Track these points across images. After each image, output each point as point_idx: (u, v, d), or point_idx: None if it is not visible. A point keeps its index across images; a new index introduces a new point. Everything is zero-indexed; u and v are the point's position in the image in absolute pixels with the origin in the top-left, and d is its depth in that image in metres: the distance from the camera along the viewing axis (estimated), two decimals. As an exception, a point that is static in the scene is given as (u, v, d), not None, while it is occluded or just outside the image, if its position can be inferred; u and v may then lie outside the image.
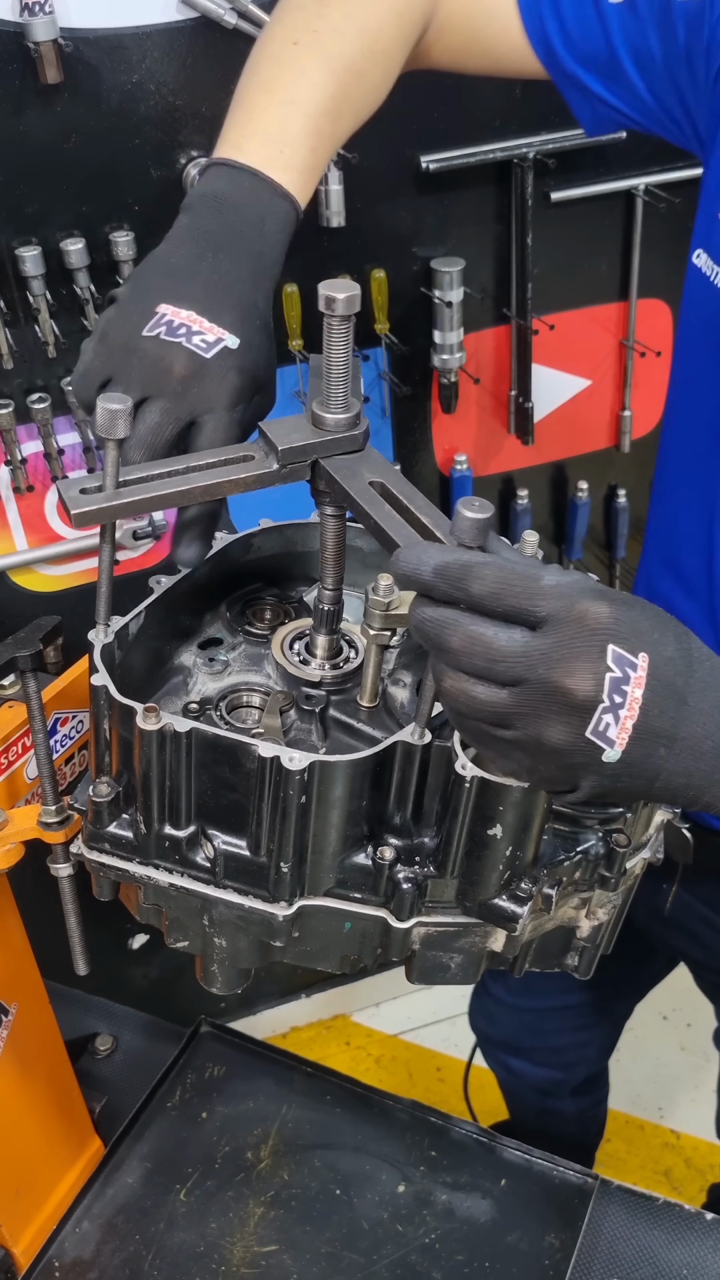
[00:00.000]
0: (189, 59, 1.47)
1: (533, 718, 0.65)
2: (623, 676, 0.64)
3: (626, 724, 0.64)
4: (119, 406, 0.75)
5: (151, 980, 2.24)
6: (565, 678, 0.64)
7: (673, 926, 1.37)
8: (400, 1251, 1.25)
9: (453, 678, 0.67)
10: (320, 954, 0.84)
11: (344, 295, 0.76)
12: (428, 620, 0.67)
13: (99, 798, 0.83)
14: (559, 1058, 1.73)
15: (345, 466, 0.82)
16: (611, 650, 0.64)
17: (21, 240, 1.48)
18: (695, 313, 1.09)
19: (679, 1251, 1.24)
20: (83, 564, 1.78)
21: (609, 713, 0.64)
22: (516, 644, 0.64)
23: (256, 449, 0.83)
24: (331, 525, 0.86)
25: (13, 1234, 1.24)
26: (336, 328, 0.78)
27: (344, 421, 0.82)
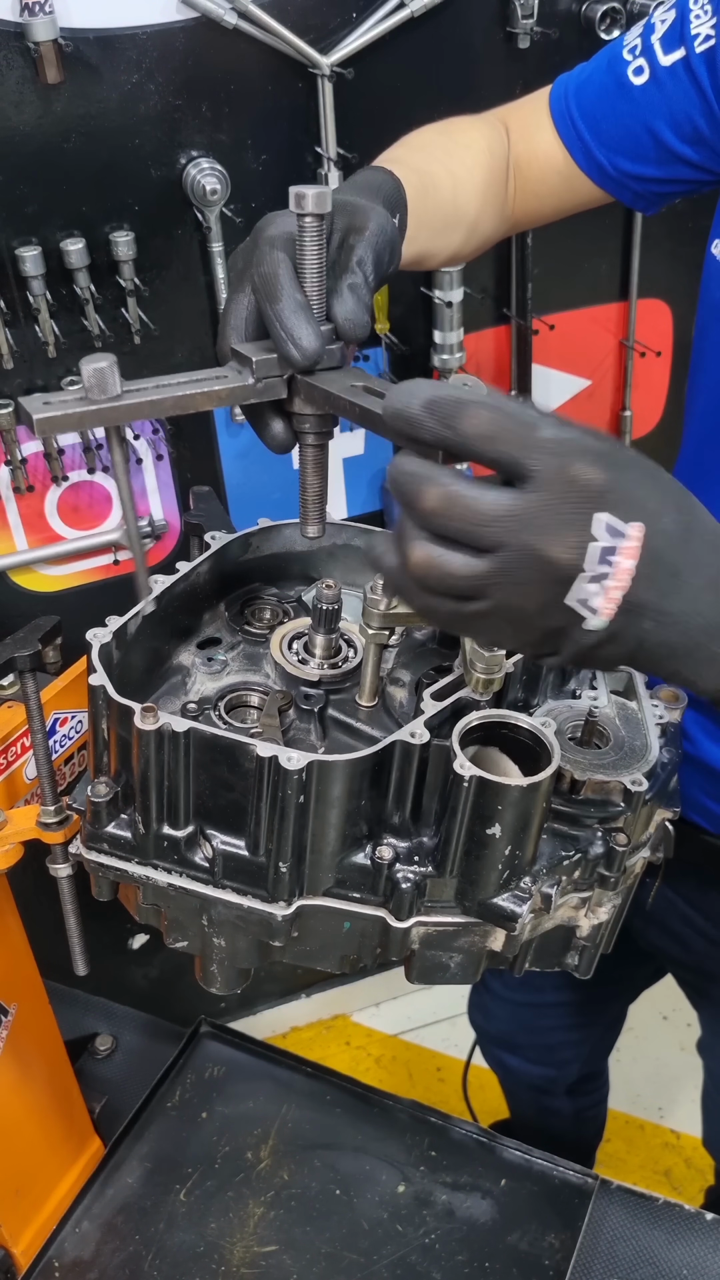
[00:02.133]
0: (189, 59, 1.47)
1: (509, 586, 0.62)
2: (610, 546, 0.60)
3: (613, 594, 0.61)
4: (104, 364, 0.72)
5: (151, 980, 2.24)
6: (546, 544, 0.60)
7: (654, 923, 1.37)
8: (400, 1251, 1.25)
9: (423, 548, 0.62)
10: (319, 954, 0.84)
11: (314, 192, 0.74)
12: (405, 474, 0.62)
13: (98, 798, 0.82)
14: (553, 1055, 1.74)
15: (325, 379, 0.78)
16: (601, 518, 0.60)
17: (21, 240, 1.48)
18: (714, 303, 1.10)
19: (679, 1251, 1.24)
20: (83, 564, 1.78)
21: (593, 581, 0.61)
22: (501, 505, 0.60)
23: (230, 369, 0.79)
24: (312, 456, 0.83)
25: (13, 1234, 1.24)
26: (309, 227, 0.75)
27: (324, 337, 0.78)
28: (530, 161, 1.16)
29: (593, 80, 1.12)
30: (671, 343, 2.00)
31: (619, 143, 1.10)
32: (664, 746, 0.87)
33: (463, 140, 1.12)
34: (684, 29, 1.04)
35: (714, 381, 1.12)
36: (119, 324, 1.59)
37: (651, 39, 1.07)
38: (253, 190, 1.57)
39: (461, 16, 1.58)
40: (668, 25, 1.06)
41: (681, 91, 1.05)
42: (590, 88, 1.12)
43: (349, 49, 1.51)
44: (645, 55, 1.07)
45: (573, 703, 0.88)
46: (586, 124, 1.12)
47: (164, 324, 1.62)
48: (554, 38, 1.63)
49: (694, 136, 1.06)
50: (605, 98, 1.10)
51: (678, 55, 1.04)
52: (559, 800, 0.82)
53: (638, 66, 1.07)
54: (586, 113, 1.12)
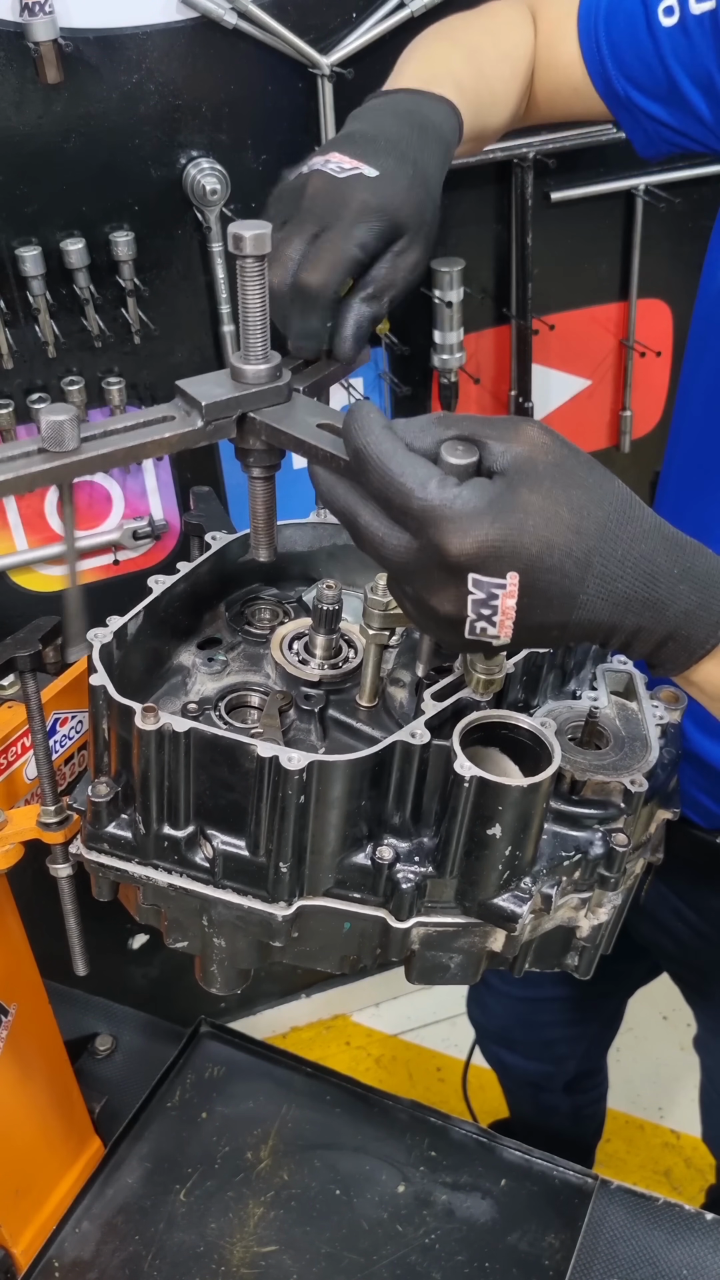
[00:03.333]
0: (189, 59, 1.47)
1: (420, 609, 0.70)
2: (486, 597, 0.66)
3: (505, 624, 0.67)
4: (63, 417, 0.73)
5: (151, 980, 2.24)
6: (432, 599, 0.68)
7: (647, 919, 1.37)
8: (400, 1251, 1.25)
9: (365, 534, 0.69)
10: (320, 954, 0.84)
11: (251, 234, 0.72)
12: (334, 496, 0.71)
13: (98, 798, 0.83)
14: (550, 1051, 1.74)
15: (277, 416, 0.78)
16: (471, 578, 0.65)
17: (21, 240, 1.48)
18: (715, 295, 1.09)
19: (679, 1251, 1.24)
20: (83, 564, 1.78)
21: (481, 621, 0.67)
22: (398, 553, 0.68)
23: (176, 409, 0.78)
24: (261, 488, 0.83)
25: (13, 1234, 1.24)
26: (250, 269, 0.74)
27: (265, 373, 0.78)
28: (550, 66, 1.16)
29: (623, 6, 1.11)
30: (671, 343, 2.00)
31: (638, 76, 1.10)
32: (664, 747, 0.87)
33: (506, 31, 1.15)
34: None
35: (713, 375, 1.12)
36: (119, 324, 1.59)
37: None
38: (253, 190, 1.57)
39: (461, 16, 1.58)
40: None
41: (706, 43, 1.04)
42: (620, 15, 1.11)
43: (349, 49, 1.51)
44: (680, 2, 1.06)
45: (573, 703, 0.88)
46: (610, 49, 1.11)
47: (164, 324, 1.62)
48: (554, 38, 1.63)
49: (709, 89, 1.05)
50: (632, 29, 1.09)
51: (708, 6, 1.03)
52: (559, 801, 0.82)
53: (669, 6, 1.06)
54: (611, 39, 1.11)
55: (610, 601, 0.67)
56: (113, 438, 0.75)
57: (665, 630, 0.69)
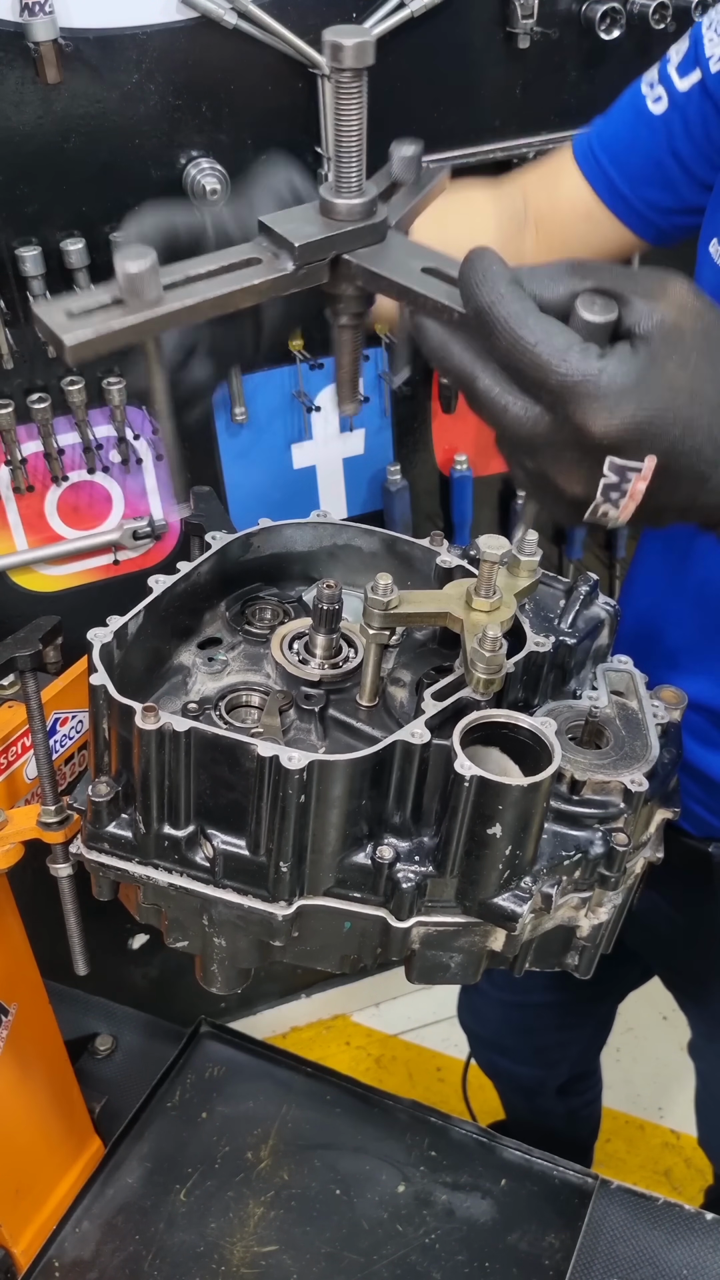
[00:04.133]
0: (189, 59, 1.47)
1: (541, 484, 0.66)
2: (619, 480, 0.63)
3: (630, 506, 0.64)
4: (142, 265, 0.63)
5: (151, 980, 2.24)
6: (561, 480, 0.64)
7: (640, 927, 1.36)
8: (400, 1251, 1.25)
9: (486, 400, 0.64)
10: (320, 954, 0.84)
11: (353, 42, 0.63)
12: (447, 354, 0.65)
13: (98, 797, 0.82)
14: (542, 1056, 1.74)
15: (374, 257, 0.70)
16: (609, 461, 0.62)
17: (21, 240, 1.48)
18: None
19: (679, 1251, 1.24)
20: (83, 564, 1.78)
21: (606, 504, 0.64)
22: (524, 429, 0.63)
23: (261, 249, 0.70)
24: (349, 337, 0.76)
25: (13, 1234, 1.24)
26: (346, 85, 0.66)
27: (360, 208, 0.70)
28: (553, 211, 1.18)
29: (614, 118, 1.15)
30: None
31: (643, 172, 1.12)
32: (664, 746, 0.87)
33: (472, 206, 1.15)
34: (698, 53, 1.06)
35: None
36: (119, 324, 1.59)
37: (668, 69, 1.09)
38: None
39: (461, 16, 1.58)
40: (682, 54, 1.08)
41: (700, 113, 1.06)
42: (612, 124, 1.15)
43: (349, 49, 1.51)
44: (663, 84, 1.09)
45: (573, 703, 0.88)
46: (610, 158, 1.14)
47: (164, 324, 1.62)
48: (554, 38, 1.63)
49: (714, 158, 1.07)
50: (627, 130, 1.13)
51: (694, 79, 1.06)
52: (559, 800, 0.82)
53: (656, 96, 1.09)
54: (609, 148, 1.14)
55: None
56: (197, 284, 0.67)
57: None
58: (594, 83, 1.70)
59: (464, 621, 0.83)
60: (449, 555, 0.94)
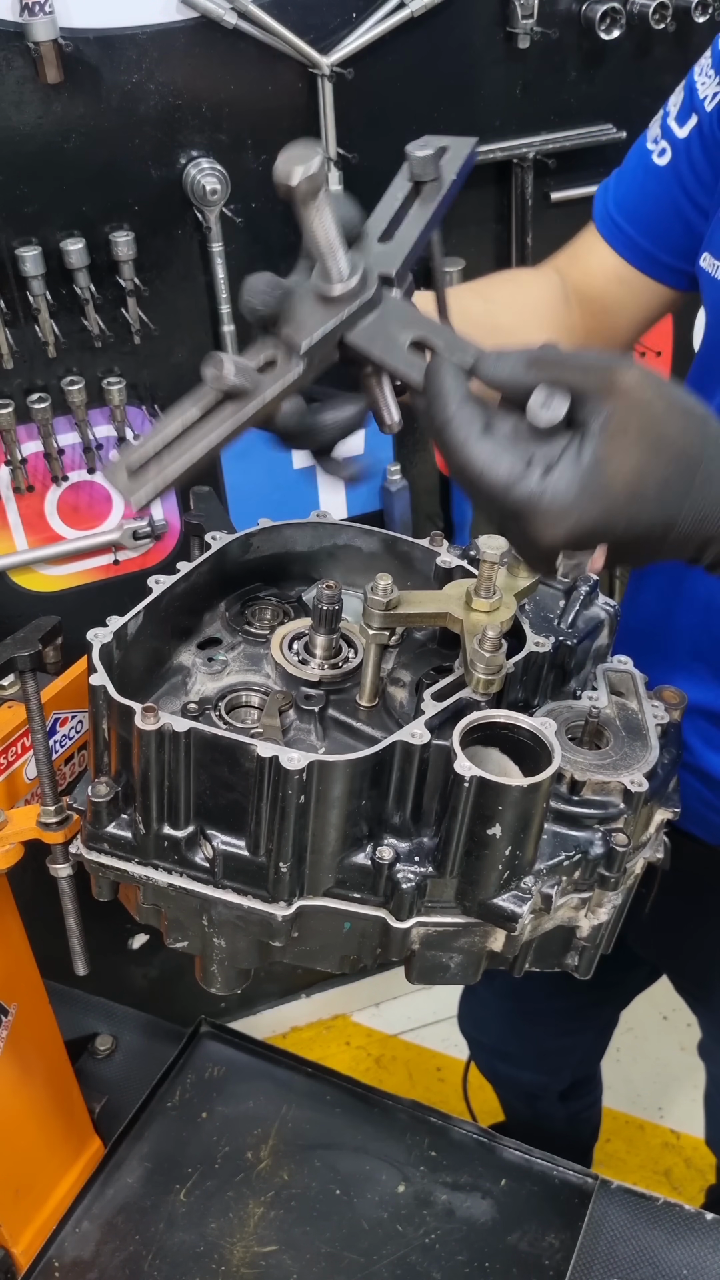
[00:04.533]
0: (189, 59, 1.47)
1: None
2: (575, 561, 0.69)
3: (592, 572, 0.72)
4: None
5: (151, 980, 2.24)
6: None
7: (651, 931, 1.37)
8: (400, 1251, 1.25)
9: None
10: (320, 954, 0.84)
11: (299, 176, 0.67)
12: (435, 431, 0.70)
13: (98, 798, 0.82)
14: (544, 1062, 1.74)
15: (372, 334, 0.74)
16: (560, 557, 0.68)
17: (21, 240, 1.48)
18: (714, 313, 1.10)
19: (679, 1251, 1.24)
20: (83, 564, 1.78)
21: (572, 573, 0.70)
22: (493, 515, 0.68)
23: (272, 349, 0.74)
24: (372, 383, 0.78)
25: (13, 1234, 1.24)
26: (306, 206, 0.70)
27: (352, 290, 0.73)
28: (588, 283, 1.19)
29: (625, 179, 1.17)
30: (671, 342, 2.00)
31: (660, 224, 1.13)
32: (664, 747, 0.87)
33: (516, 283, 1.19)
34: (693, 99, 1.08)
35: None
36: (119, 324, 1.59)
37: (668, 121, 1.11)
38: (253, 190, 1.57)
39: (461, 16, 1.58)
40: (679, 105, 1.10)
41: (704, 153, 1.08)
42: (624, 185, 1.17)
43: (349, 49, 1.51)
44: (665, 137, 1.11)
45: (573, 703, 0.88)
46: (626, 219, 1.15)
47: (164, 324, 1.62)
48: (554, 38, 1.63)
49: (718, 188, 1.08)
50: (638, 188, 1.14)
51: (691, 124, 1.08)
52: (559, 800, 0.82)
53: (660, 149, 1.11)
54: (624, 208, 1.16)
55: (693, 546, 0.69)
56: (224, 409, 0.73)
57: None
58: (594, 83, 1.70)
59: (464, 622, 0.83)
60: (449, 555, 0.94)
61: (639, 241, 1.15)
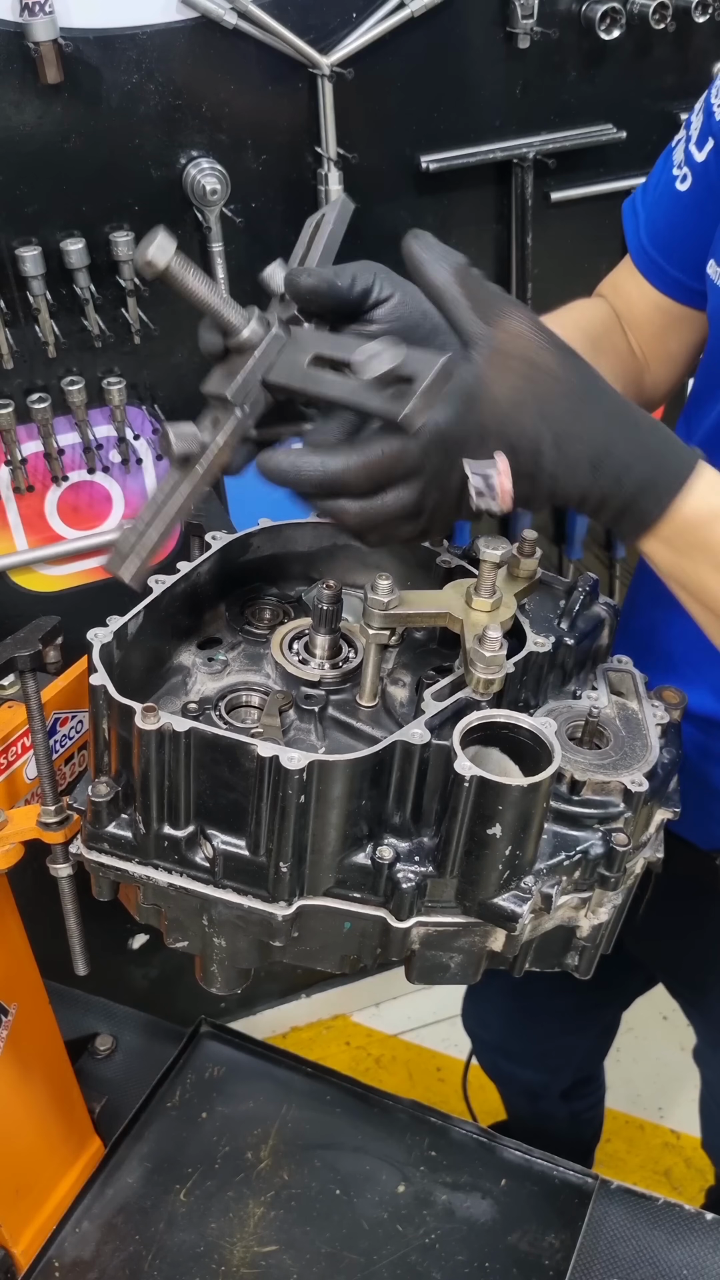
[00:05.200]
0: (189, 59, 1.47)
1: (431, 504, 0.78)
2: (484, 478, 0.75)
3: (505, 499, 0.75)
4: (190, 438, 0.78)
5: (151, 980, 2.24)
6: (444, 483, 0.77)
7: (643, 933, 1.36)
8: (400, 1251, 1.25)
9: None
10: (320, 954, 0.84)
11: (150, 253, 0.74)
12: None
13: (98, 798, 0.83)
14: (546, 1061, 1.74)
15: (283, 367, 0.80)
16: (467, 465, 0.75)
17: (21, 240, 1.48)
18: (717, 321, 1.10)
19: (679, 1251, 1.24)
20: (83, 564, 1.78)
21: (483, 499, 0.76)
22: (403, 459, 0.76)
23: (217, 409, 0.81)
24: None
25: (13, 1234, 1.24)
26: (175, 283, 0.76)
27: (250, 335, 0.79)
28: (631, 311, 1.19)
29: (652, 207, 1.17)
30: (671, 343, 2.00)
31: (691, 253, 1.12)
32: (664, 747, 0.87)
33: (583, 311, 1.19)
34: (710, 123, 1.07)
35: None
36: (119, 324, 1.59)
37: (689, 147, 1.10)
38: (253, 190, 1.57)
39: (461, 16, 1.58)
40: (698, 129, 1.09)
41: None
42: (651, 216, 1.17)
43: (349, 49, 1.51)
44: (687, 164, 1.10)
45: (573, 703, 0.88)
46: (659, 251, 1.15)
47: (164, 324, 1.62)
48: (554, 38, 1.63)
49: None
50: (665, 217, 1.14)
51: (710, 147, 1.07)
52: (559, 800, 0.82)
53: (683, 176, 1.11)
54: (656, 240, 1.16)
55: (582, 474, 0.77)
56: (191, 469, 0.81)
57: (623, 500, 0.79)
58: (594, 83, 1.70)
59: (464, 622, 0.83)
60: (449, 555, 0.94)
61: (673, 274, 1.15)
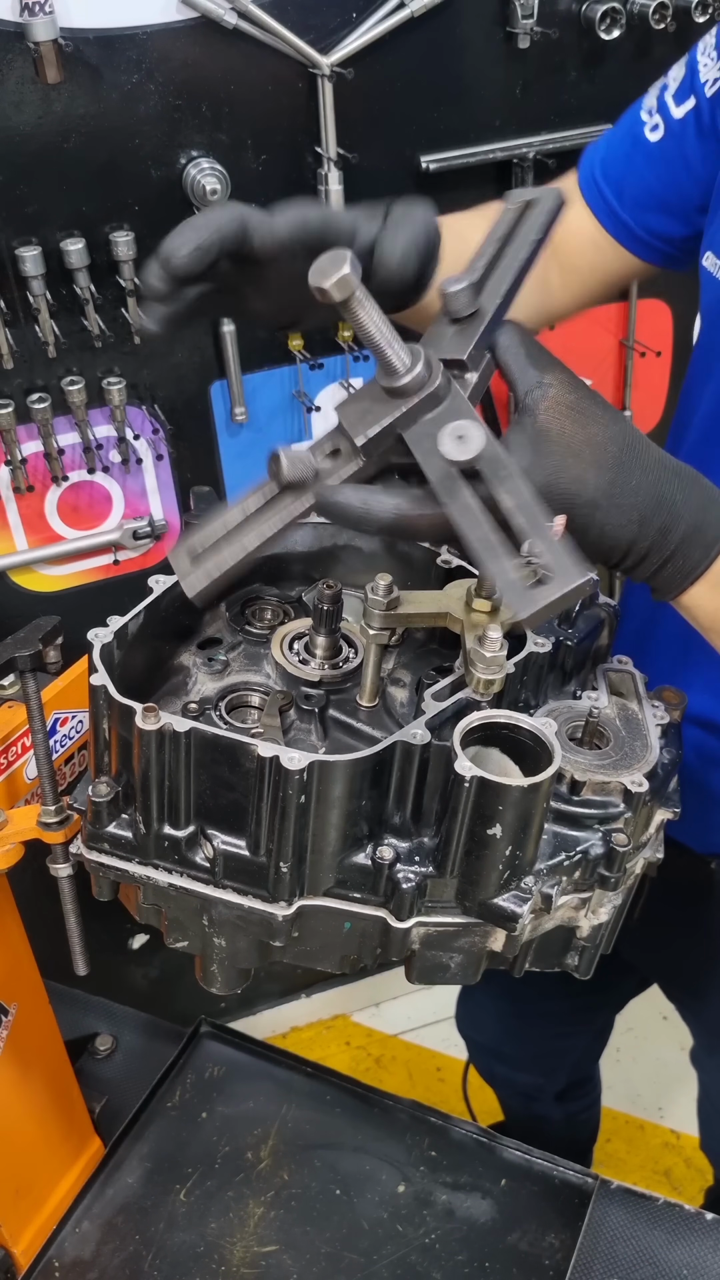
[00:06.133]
0: (189, 59, 1.47)
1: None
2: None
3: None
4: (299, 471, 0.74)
5: (151, 980, 2.24)
6: None
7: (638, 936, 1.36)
8: (400, 1251, 1.25)
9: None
10: (320, 954, 0.84)
11: (333, 280, 0.70)
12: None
13: (98, 798, 0.82)
14: (540, 1063, 1.74)
15: (421, 434, 0.74)
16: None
17: (21, 240, 1.48)
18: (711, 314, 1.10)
19: (679, 1251, 1.24)
20: (83, 564, 1.78)
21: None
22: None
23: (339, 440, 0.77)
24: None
25: (13, 1234, 1.24)
26: (349, 310, 0.71)
27: (410, 382, 0.73)
28: (564, 239, 1.17)
29: (614, 145, 1.15)
30: (671, 343, 2.00)
31: (643, 200, 1.12)
32: (664, 747, 0.87)
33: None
34: (694, 80, 1.06)
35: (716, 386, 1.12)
36: (119, 324, 1.59)
37: (665, 96, 1.09)
38: (253, 190, 1.57)
39: (461, 16, 1.58)
40: (679, 81, 1.08)
41: (697, 139, 1.07)
42: (612, 152, 1.15)
43: (349, 49, 1.51)
44: (660, 113, 1.10)
45: (573, 703, 0.88)
46: (610, 187, 1.14)
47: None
48: (554, 38, 1.63)
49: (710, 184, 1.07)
50: (626, 159, 1.13)
51: (689, 106, 1.06)
52: (559, 801, 0.82)
53: (654, 125, 1.10)
54: (609, 176, 1.14)
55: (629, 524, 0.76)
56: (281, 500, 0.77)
57: (668, 550, 0.78)
58: (594, 83, 1.70)
59: (464, 622, 0.83)
60: (449, 555, 0.94)
61: (620, 214, 1.14)
